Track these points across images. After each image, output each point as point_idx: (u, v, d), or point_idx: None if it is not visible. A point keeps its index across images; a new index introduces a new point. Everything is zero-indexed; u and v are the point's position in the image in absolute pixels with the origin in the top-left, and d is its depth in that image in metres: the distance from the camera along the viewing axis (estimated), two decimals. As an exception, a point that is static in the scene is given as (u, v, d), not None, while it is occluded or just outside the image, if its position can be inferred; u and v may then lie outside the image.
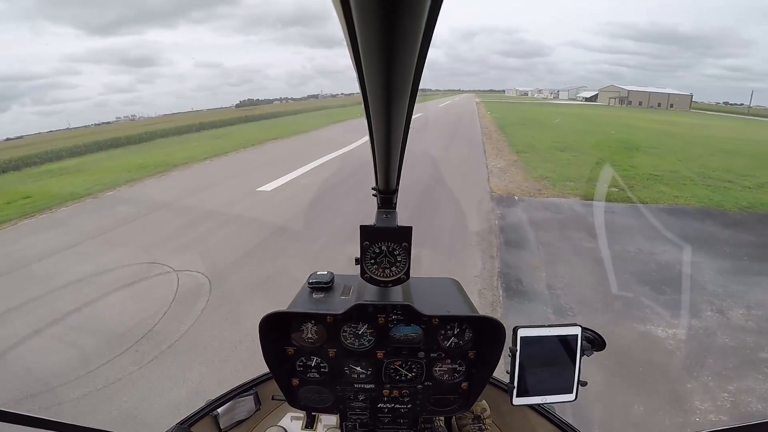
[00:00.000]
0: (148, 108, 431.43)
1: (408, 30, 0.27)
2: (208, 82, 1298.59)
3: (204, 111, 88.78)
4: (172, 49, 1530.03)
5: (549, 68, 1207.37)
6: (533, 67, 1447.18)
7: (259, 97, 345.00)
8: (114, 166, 12.91)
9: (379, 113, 0.45)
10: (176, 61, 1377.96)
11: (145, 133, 24.49)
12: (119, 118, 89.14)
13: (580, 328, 0.95)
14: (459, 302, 1.07)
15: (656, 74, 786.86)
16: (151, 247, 5.41)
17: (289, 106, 74.88)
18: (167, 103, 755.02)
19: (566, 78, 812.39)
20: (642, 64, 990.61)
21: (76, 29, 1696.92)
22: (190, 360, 3.18)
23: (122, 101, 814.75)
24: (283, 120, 33.39)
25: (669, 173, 10.24)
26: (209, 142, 18.47)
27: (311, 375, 1.04)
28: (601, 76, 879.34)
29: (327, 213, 6.73)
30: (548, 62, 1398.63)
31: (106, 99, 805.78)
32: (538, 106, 61.01)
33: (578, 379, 0.95)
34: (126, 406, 2.74)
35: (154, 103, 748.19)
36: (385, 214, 0.96)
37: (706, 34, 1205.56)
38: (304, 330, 1.00)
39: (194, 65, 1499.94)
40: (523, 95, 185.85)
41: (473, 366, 1.04)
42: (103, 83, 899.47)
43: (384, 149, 0.64)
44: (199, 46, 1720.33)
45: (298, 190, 8.34)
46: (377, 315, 0.97)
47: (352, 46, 0.31)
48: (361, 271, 0.95)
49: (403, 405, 1.06)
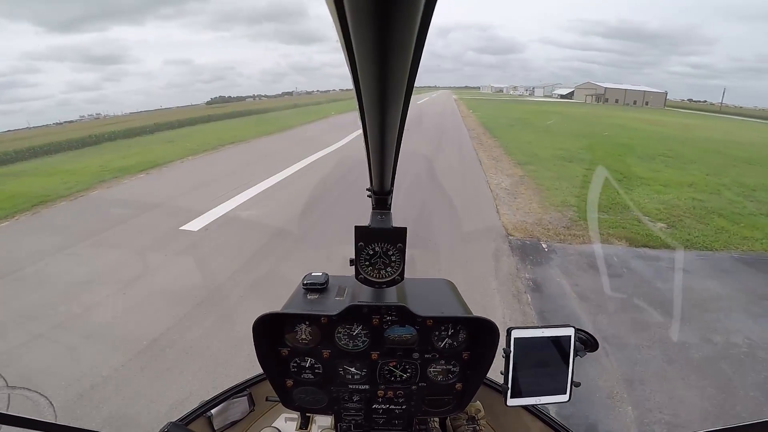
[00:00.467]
0: (115, 106, 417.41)
1: (402, 31, 0.27)
2: (177, 79, 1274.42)
3: (173, 109, 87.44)
4: (140, 47, 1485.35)
5: (522, 65, 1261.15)
6: (507, 63, 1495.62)
7: (231, 94, 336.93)
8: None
9: (374, 114, 0.45)
10: (144, 58, 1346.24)
11: (90, 136, 21.22)
12: (83, 117, 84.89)
13: (573, 329, 0.95)
14: (453, 303, 1.08)
15: (625, 71, 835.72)
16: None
17: (261, 103, 73.57)
18: (135, 101, 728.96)
19: (539, 75, 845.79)
20: (612, 61, 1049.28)
21: (35, 26, 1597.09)
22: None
23: (87, 99, 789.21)
24: (253, 119, 30.92)
25: (709, 194, 8.26)
26: (155, 148, 15.51)
27: (305, 376, 1.04)
28: (572, 72, 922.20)
29: (264, 286, 4.16)
30: (521, 59, 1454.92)
31: (69, 97, 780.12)
32: (518, 103, 58.22)
33: (572, 379, 0.96)
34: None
35: (121, 102, 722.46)
36: (379, 215, 0.95)
37: (673, 32, 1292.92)
38: (299, 331, 1.00)
39: (163, 62, 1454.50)
40: (499, 92, 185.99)
41: (467, 367, 1.05)
42: (66, 81, 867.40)
43: (378, 150, 0.63)
44: (168, 43, 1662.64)
45: (238, 230, 5.85)
46: (372, 316, 0.98)
47: (346, 47, 0.31)
48: (356, 272, 0.95)
49: (397, 406, 1.06)
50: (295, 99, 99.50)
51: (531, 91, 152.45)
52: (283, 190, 7.91)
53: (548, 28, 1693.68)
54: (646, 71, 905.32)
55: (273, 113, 37.01)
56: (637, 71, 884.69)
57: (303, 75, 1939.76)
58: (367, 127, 0.52)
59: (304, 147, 12.99)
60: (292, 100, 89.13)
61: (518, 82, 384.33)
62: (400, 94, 0.39)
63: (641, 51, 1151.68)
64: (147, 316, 3.66)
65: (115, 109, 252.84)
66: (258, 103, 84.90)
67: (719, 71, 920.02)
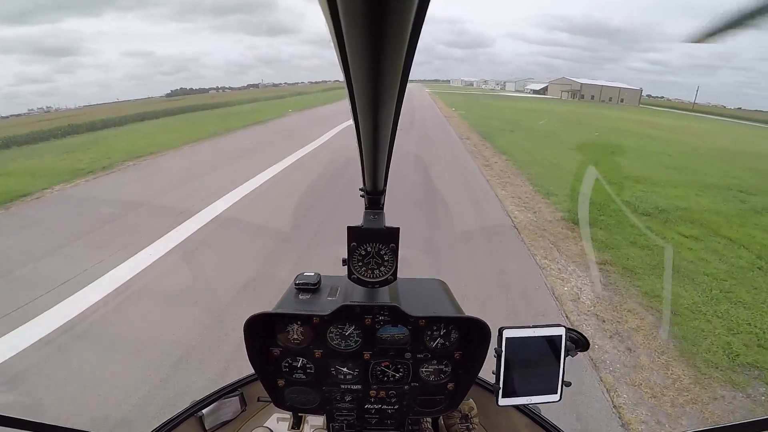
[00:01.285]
0: (68, 99, 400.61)
1: (396, 31, 0.27)
2: (137, 71, 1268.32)
3: (131, 101, 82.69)
4: (96, 38, 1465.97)
5: (490, 59, 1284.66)
6: (476, 57, 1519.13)
7: (195, 85, 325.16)
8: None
9: (367, 114, 0.45)
10: (100, 50, 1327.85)
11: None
12: (32, 110, 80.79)
13: (564, 329, 0.96)
14: (445, 303, 1.08)
15: (587, 66, 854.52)
16: None
17: (224, 96, 67.63)
18: (90, 94, 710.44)
19: (506, 69, 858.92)
20: (575, 57, 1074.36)
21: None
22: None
23: (37, 92, 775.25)
24: (207, 114, 26.83)
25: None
26: (36, 163, 11.50)
27: (297, 376, 1.03)
28: (537, 67, 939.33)
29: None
30: (490, 53, 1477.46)
31: (17, 90, 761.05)
32: (495, 99, 55.35)
33: (563, 379, 0.96)
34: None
35: (75, 94, 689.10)
36: (372, 215, 0.95)
37: (634, 29, 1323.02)
38: (290, 331, 1.00)
39: (121, 54, 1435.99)
40: (469, 85, 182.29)
41: (459, 367, 1.05)
42: (14, 73, 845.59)
43: (371, 150, 0.63)
44: (127, 35, 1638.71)
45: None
46: (364, 316, 0.98)
47: (339, 47, 0.31)
48: (349, 272, 0.95)
49: (390, 406, 1.06)
50: (260, 91, 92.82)
51: (502, 86, 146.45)
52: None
53: (516, 23, 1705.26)
54: (607, 66, 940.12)
55: (224, 109, 31.95)
56: (598, 66, 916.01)
57: (271, 67, 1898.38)
58: (360, 127, 0.52)
59: (276, 150, 10.80)
60: (257, 92, 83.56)
61: (486, 76, 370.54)
62: (393, 93, 0.39)
63: (604, 47, 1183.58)
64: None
65: (68, 101, 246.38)
66: (222, 95, 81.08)
67: (674, 68, 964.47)
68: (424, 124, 19.09)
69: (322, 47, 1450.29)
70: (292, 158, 10.35)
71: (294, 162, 10.03)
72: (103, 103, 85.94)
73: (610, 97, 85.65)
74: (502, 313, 3.79)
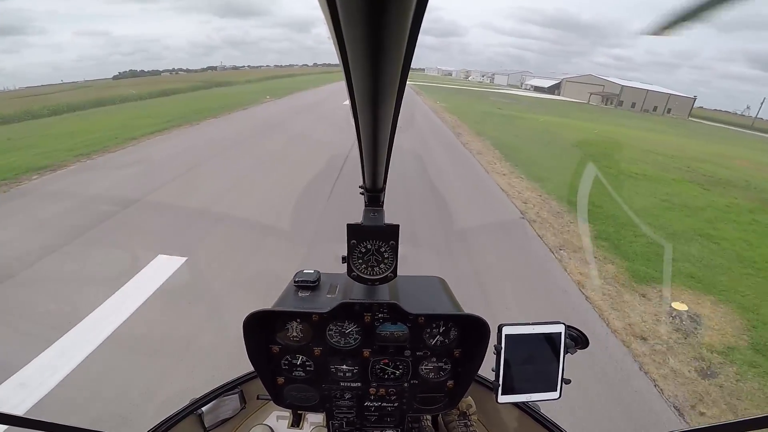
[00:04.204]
0: (14, 80, 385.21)
1: (395, 28, 0.27)
2: (93, 51, 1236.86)
3: (80, 82, 74.32)
4: (46, 18, 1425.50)
5: (462, 48, 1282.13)
6: (448, 46, 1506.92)
7: (153, 67, 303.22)
8: None
9: (367, 111, 0.45)
10: (51, 30, 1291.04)
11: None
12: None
13: (564, 326, 0.96)
14: (445, 301, 1.08)
15: (555, 59, 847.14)
16: None
17: (178, 79, 55.89)
18: (40, 74, 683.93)
19: (476, 59, 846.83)
20: (544, 50, 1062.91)
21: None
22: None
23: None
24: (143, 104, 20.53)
25: None
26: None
27: (297, 374, 1.04)
28: (506, 59, 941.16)
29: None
30: (462, 42, 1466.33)
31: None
32: (498, 97, 44.89)
33: (562, 376, 0.96)
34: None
35: (22, 74, 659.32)
36: (372, 213, 0.95)
37: (603, 24, 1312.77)
38: (290, 328, 1.00)
39: (75, 34, 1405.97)
40: (447, 75, 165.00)
41: (459, 364, 1.05)
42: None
43: (371, 147, 0.63)
44: (82, 15, 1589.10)
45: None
46: (363, 313, 0.98)
47: (339, 45, 0.31)
48: (348, 270, 0.94)
49: (389, 403, 1.07)
50: (218, 74, 77.31)
51: (491, 78, 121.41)
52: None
53: (489, 13, 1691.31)
54: (575, 60, 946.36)
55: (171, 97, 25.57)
56: (566, 60, 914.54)
57: (238, 49, 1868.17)
58: (360, 124, 0.52)
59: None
60: (214, 75, 69.77)
61: (458, 66, 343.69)
62: (393, 90, 0.39)
63: (573, 41, 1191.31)
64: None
65: (13, 82, 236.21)
66: (174, 78, 69.82)
67: (637, 64, 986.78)
68: (412, 125, 13.59)
69: (294, 30, 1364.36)
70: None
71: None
72: (48, 84, 77.00)
73: (656, 105, 64.24)
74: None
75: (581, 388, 2.78)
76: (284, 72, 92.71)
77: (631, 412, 2.70)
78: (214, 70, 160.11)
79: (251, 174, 7.65)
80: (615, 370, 3.09)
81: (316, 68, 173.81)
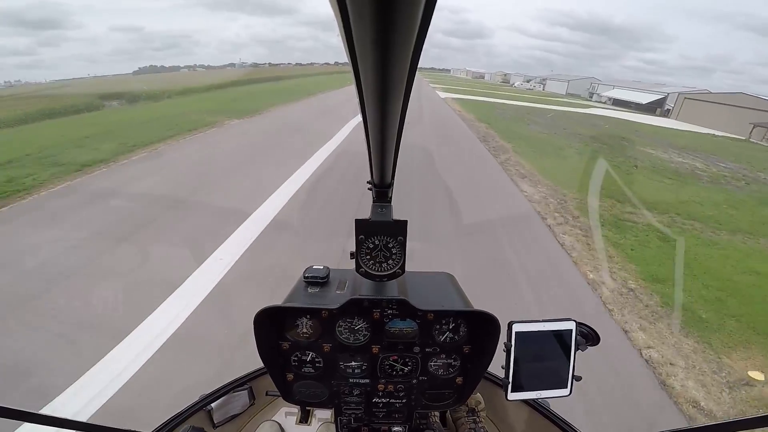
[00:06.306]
0: (53, 71, 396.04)
1: (404, 24, 0.27)
2: (126, 46, 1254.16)
3: (110, 77, 77.35)
4: (83, 12, 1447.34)
5: (487, 51, 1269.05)
6: (473, 48, 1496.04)
7: (175, 63, 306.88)
8: None
9: (375, 107, 0.45)
10: (87, 24, 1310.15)
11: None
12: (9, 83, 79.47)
13: (575, 323, 0.95)
14: (454, 297, 1.07)
15: (582, 62, 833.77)
16: None
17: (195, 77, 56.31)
18: (75, 67, 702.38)
19: (501, 61, 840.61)
20: (571, 52, 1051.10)
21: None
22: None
23: (19, 65, 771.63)
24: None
25: None
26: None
27: (306, 370, 1.04)
28: (532, 61, 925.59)
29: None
30: (487, 44, 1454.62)
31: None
32: (568, 111, 30.63)
33: (572, 374, 0.95)
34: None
35: (60, 67, 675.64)
36: (380, 208, 0.94)
37: (636, 27, 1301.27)
38: (300, 325, 1.00)
39: (109, 29, 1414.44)
40: (479, 78, 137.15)
41: (468, 361, 1.04)
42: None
43: (379, 143, 0.63)
44: (117, 9, 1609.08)
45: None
46: (372, 309, 0.98)
47: (347, 41, 0.31)
48: (357, 266, 0.94)
49: (398, 400, 1.07)
50: (236, 72, 68.58)
51: (542, 84, 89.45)
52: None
53: (517, 15, 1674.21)
54: (603, 64, 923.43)
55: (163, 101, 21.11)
56: (594, 63, 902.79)
57: (264, 47, 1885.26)
58: (368, 120, 0.52)
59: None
60: (233, 72, 63.66)
61: (485, 67, 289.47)
62: (401, 86, 0.39)
63: (602, 44, 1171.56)
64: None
65: (52, 74, 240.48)
66: (191, 75, 68.94)
67: (669, 68, 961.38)
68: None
69: (318, 29, 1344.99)
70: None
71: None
72: (77, 78, 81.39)
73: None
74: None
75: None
76: (302, 71, 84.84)
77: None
78: (233, 66, 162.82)
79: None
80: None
81: (336, 66, 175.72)
